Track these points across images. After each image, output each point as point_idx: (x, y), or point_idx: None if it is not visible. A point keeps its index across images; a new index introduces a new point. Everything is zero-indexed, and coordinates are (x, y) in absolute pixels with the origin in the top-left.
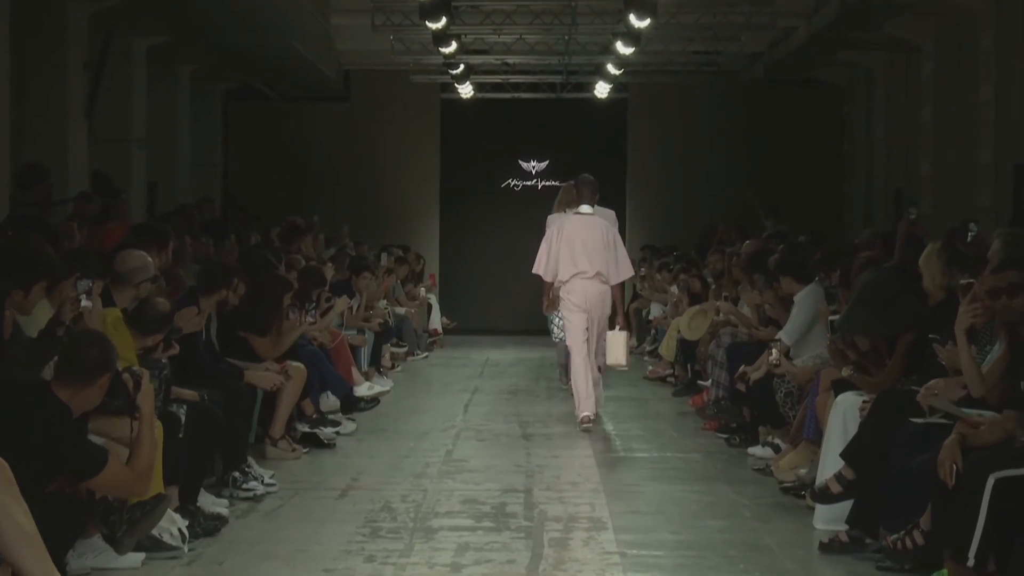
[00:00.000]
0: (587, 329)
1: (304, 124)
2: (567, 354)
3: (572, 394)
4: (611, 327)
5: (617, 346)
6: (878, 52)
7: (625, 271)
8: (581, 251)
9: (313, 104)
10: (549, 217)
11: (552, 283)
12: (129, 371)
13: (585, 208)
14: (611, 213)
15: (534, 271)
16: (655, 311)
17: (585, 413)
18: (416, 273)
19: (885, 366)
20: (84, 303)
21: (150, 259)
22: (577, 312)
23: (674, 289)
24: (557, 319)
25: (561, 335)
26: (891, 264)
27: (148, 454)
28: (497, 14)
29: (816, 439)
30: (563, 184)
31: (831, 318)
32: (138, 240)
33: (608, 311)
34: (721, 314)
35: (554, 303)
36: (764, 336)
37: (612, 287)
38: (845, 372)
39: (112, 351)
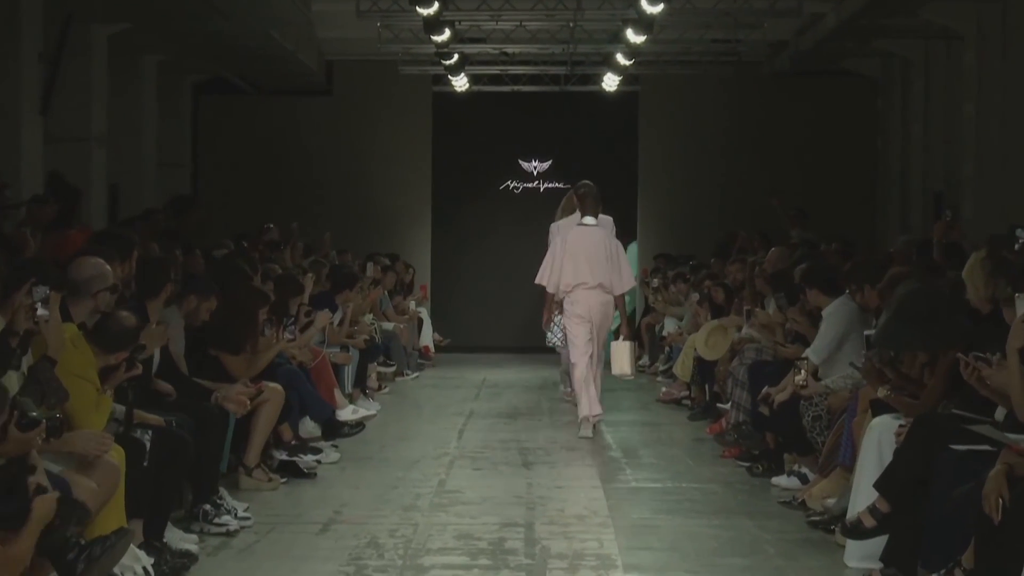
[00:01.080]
0: (590, 340)
1: (282, 120)
2: (569, 361)
3: (574, 403)
4: (615, 337)
5: (622, 356)
6: (915, 40)
7: (628, 282)
8: (584, 262)
9: (292, 98)
10: (552, 226)
11: (553, 295)
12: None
13: (588, 220)
14: (609, 220)
15: (537, 281)
16: (669, 326)
17: (585, 414)
18: (405, 285)
19: (926, 386)
20: (40, 311)
21: (108, 267)
22: (581, 323)
23: (694, 297)
24: (552, 325)
25: (555, 341)
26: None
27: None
28: None
29: (853, 466)
30: (569, 188)
31: (866, 333)
32: (99, 248)
33: (610, 322)
34: (744, 330)
35: (552, 314)
36: (790, 354)
37: (616, 297)
38: (882, 393)
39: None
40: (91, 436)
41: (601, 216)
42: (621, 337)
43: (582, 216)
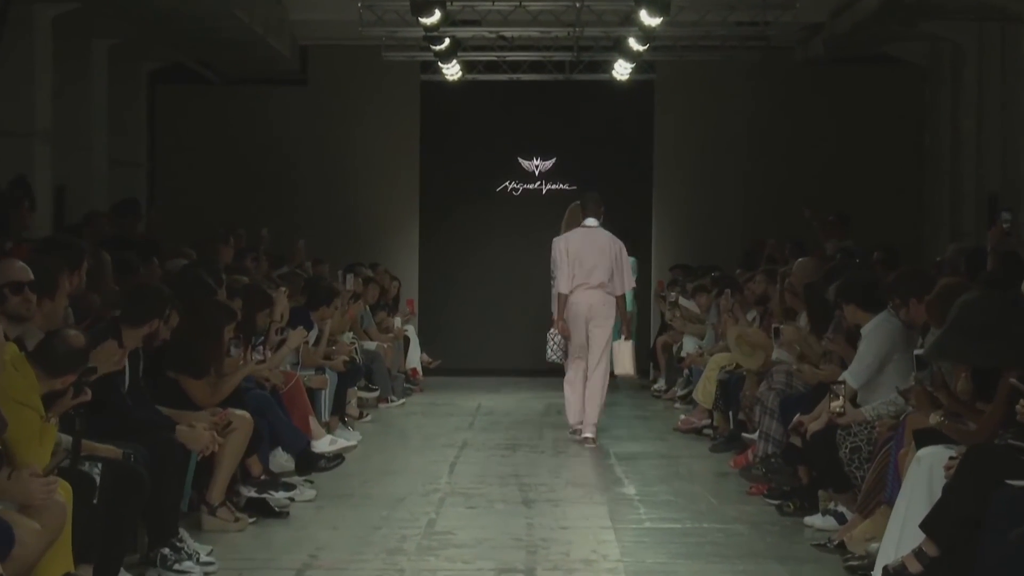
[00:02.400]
0: (586, 342)
1: (250, 114)
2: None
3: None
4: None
5: (624, 355)
6: (968, 22)
7: (629, 282)
8: (587, 263)
9: (262, 89)
10: (555, 240)
11: (565, 297)
12: None
13: (591, 221)
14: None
15: (561, 291)
16: (688, 346)
17: (572, 423)
18: (390, 299)
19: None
20: None
21: (28, 268)
22: (579, 323)
23: (724, 298)
24: (552, 341)
25: (555, 358)
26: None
27: None
28: None
29: None
30: (575, 189)
31: (916, 352)
32: (45, 258)
33: (612, 321)
34: (774, 353)
35: (566, 328)
36: (825, 377)
37: (617, 298)
38: (934, 420)
39: None
40: (32, 482)
41: (604, 231)
42: (622, 337)
43: (584, 218)
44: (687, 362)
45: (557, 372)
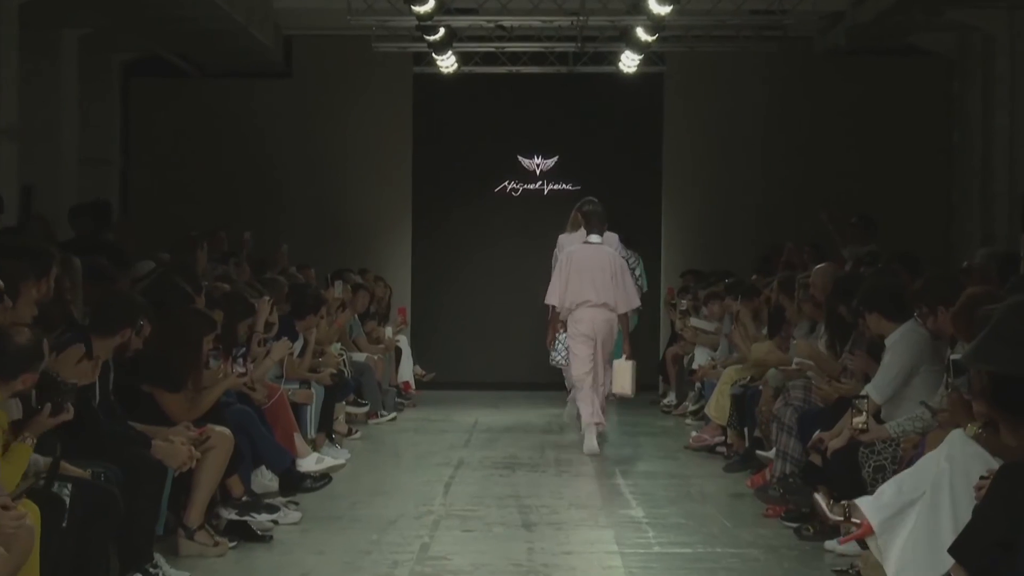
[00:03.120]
0: (592, 357)
1: (231, 109)
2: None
3: (578, 428)
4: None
5: (623, 375)
6: (999, 10)
7: (633, 300)
8: (589, 280)
9: (243, 82)
10: (560, 238)
11: (559, 313)
12: None
13: (594, 238)
14: (614, 237)
15: (547, 301)
16: (700, 358)
17: (588, 420)
18: (381, 307)
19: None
20: None
21: None
22: (584, 341)
23: (734, 308)
24: (558, 344)
25: (559, 359)
26: None
27: None
28: None
29: None
30: (578, 190)
31: (952, 357)
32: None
33: (614, 340)
34: (794, 362)
35: (557, 332)
36: (846, 391)
37: (620, 316)
38: (971, 431)
39: None
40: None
41: (607, 233)
42: (624, 356)
43: (587, 234)
44: (699, 375)
45: (559, 386)
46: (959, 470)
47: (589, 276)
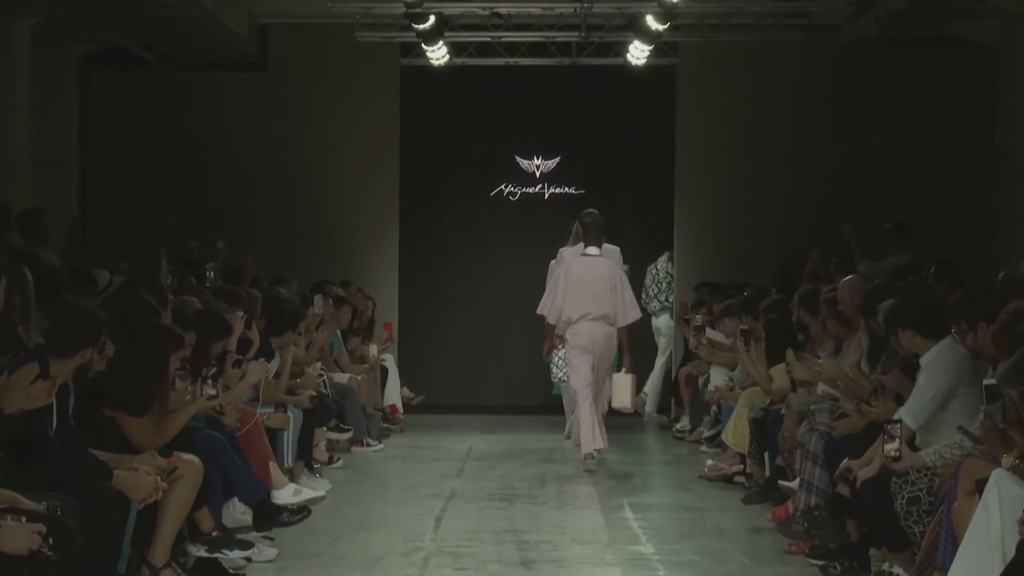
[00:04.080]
0: (592, 370)
1: (201, 105)
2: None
3: (577, 446)
4: (618, 369)
5: (622, 389)
6: None
7: (632, 313)
8: (589, 293)
9: (214, 75)
10: (562, 251)
11: (555, 326)
12: None
13: (592, 250)
14: (615, 250)
15: (539, 311)
16: (716, 378)
17: (589, 450)
18: (365, 323)
19: None
20: None
21: None
22: (583, 355)
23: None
24: (557, 359)
25: (560, 375)
26: None
27: None
28: None
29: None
30: (582, 193)
31: (986, 382)
32: None
33: (613, 353)
34: (821, 385)
35: (554, 345)
36: (877, 415)
37: (619, 329)
38: (1007, 463)
39: None
40: None
41: (607, 246)
42: (623, 369)
43: (586, 246)
44: (715, 397)
45: (560, 409)
46: (1009, 517)
47: (588, 289)
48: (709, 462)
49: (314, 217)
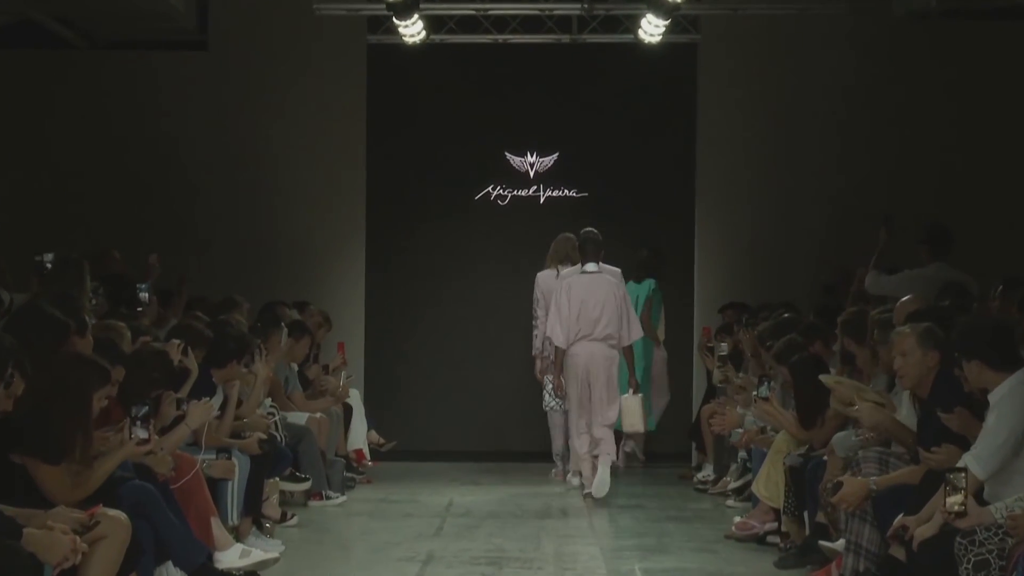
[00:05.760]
0: (588, 400)
1: (129, 90)
2: (564, 430)
3: (566, 484)
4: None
5: (632, 412)
6: None
7: (636, 332)
8: (590, 312)
9: (144, 55)
10: (539, 275)
11: (564, 351)
12: None
13: (591, 266)
14: (617, 271)
15: (547, 334)
16: (746, 420)
17: (589, 491)
18: (314, 348)
19: None
20: None
21: None
22: (578, 380)
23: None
24: (551, 384)
25: (553, 403)
26: None
27: None
28: None
29: None
30: (584, 196)
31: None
32: None
33: (615, 376)
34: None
35: (548, 369)
36: (937, 462)
37: (624, 349)
38: None
39: None
40: None
41: (608, 267)
42: (631, 391)
43: (583, 263)
44: (744, 441)
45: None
46: None
47: (591, 307)
48: (737, 519)
49: (263, 225)
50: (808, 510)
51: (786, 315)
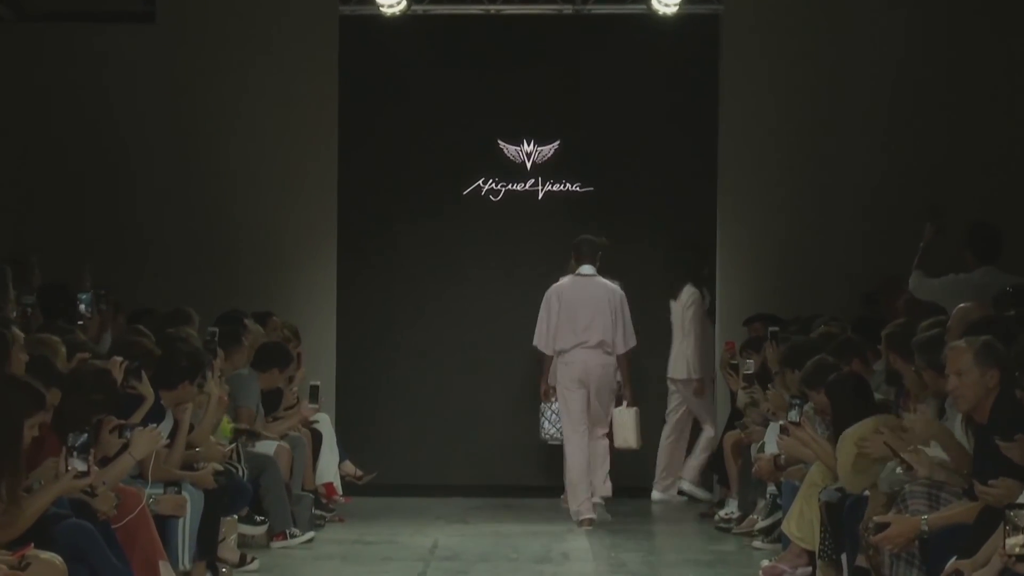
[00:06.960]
0: (586, 411)
1: (68, 68)
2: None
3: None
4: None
5: (626, 426)
6: None
7: (631, 340)
8: (584, 318)
9: (84, 28)
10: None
11: (552, 359)
12: None
13: (586, 269)
14: (615, 286)
15: (535, 343)
16: (773, 446)
17: (585, 516)
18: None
19: None
20: None
21: None
22: (576, 389)
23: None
24: (549, 412)
25: (553, 432)
26: None
27: None
28: None
29: None
30: (590, 191)
31: None
32: None
33: (612, 385)
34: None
35: (550, 391)
36: (994, 497)
37: (619, 357)
38: None
39: None
40: None
41: (606, 281)
42: (624, 403)
43: (578, 265)
44: (760, 471)
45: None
46: None
47: (584, 312)
48: (765, 562)
49: (221, 223)
50: (847, 553)
51: (822, 328)
